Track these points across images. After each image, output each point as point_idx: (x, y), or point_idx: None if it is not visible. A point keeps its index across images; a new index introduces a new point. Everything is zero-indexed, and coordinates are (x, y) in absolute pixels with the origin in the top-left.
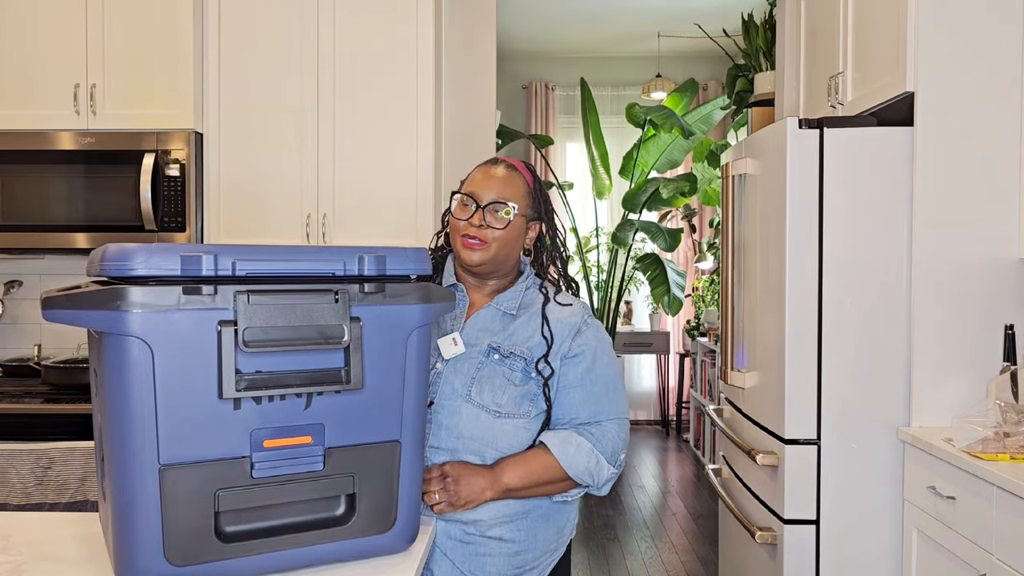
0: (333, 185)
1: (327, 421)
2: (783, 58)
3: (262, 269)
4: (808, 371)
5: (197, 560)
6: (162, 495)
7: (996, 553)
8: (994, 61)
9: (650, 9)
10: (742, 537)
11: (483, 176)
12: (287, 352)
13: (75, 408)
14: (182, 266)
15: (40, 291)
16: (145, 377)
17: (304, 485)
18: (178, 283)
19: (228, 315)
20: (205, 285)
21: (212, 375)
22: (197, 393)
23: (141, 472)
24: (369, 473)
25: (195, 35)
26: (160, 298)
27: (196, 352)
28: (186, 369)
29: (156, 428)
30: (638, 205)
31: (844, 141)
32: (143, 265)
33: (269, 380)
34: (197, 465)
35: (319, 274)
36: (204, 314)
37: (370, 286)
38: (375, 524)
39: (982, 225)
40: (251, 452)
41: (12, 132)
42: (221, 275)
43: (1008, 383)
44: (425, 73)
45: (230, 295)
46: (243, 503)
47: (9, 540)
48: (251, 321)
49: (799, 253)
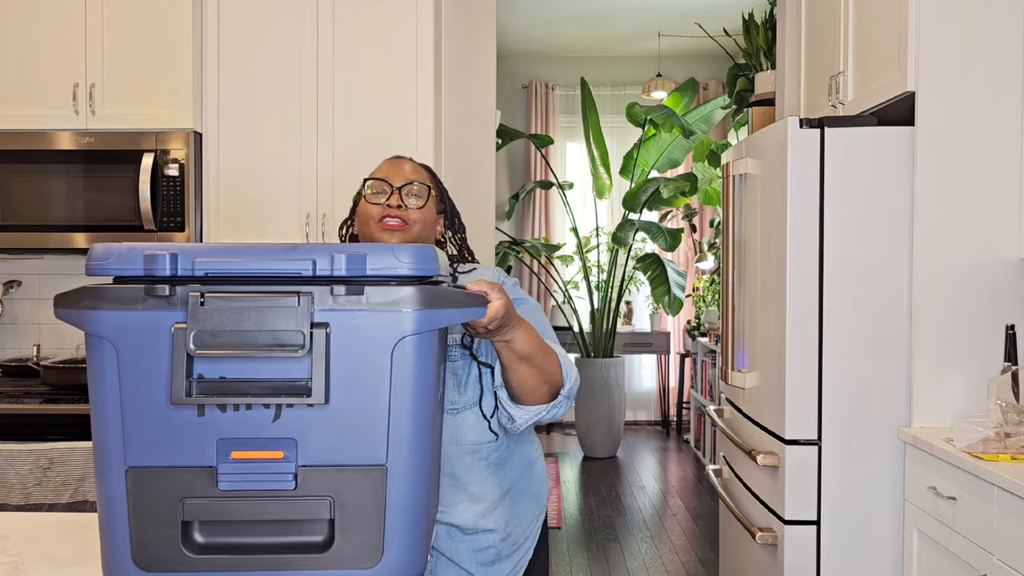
0: (333, 185)
1: (300, 437)
2: (783, 57)
3: (223, 268)
4: (809, 371)
5: (163, 568)
6: (129, 498)
7: (997, 554)
8: (994, 61)
9: (650, 9)
10: (742, 537)
11: (391, 165)
12: (249, 359)
13: (74, 408)
14: (144, 265)
15: (39, 291)
16: (112, 377)
17: (276, 504)
18: (141, 282)
19: (178, 317)
20: (162, 285)
21: (169, 379)
22: (159, 397)
23: (110, 473)
24: (350, 499)
25: (194, 35)
26: (123, 298)
27: (156, 354)
28: (147, 371)
29: (122, 430)
30: (638, 205)
31: (845, 141)
32: (113, 263)
33: (226, 387)
34: (162, 470)
35: (285, 274)
36: (162, 315)
37: (341, 288)
38: (359, 556)
39: (983, 225)
40: (217, 462)
41: (11, 132)
42: (181, 275)
43: (1009, 383)
44: (425, 73)
45: (186, 297)
46: (210, 515)
47: (9, 540)
48: (201, 324)
49: (799, 253)
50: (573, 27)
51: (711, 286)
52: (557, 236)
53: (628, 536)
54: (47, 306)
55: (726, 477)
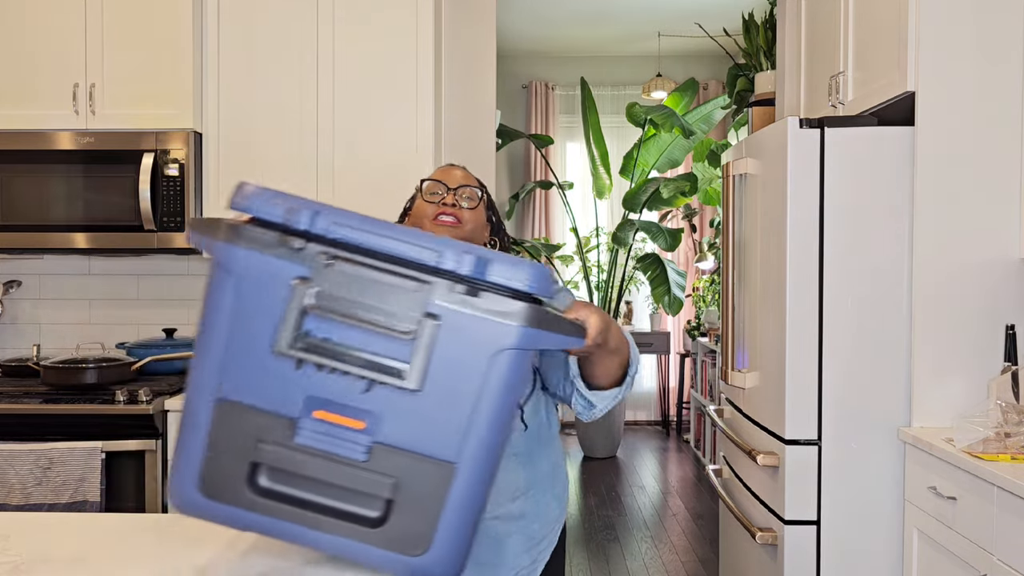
0: (333, 185)
1: (382, 414)
2: (783, 57)
3: (355, 239)
4: (809, 371)
5: (223, 499)
6: (212, 426)
7: (997, 554)
8: (994, 61)
9: (650, 9)
10: (742, 537)
11: (445, 171)
12: (357, 328)
13: (74, 408)
14: (284, 215)
15: (39, 291)
16: (226, 311)
17: (342, 469)
18: (276, 229)
19: (303, 273)
20: (296, 238)
21: (278, 328)
22: (264, 343)
23: (200, 398)
24: (412, 485)
25: (194, 35)
26: (259, 240)
27: (272, 301)
28: (259, 314)
29: (223, 362)
30: (638, 205)
31: (845, 141)
32: (256, 205)
33: (329, 350)
34: (249, 409)
35: (412, 260)
36: (286, 266)
37: (461, 287)
38: (405, 542)
39: (983, 225)
40: (300, 416)
41: (11, 132)
42: (315, 233)
43: (1009, 383)
44: (425, 73)
45: (315, 256)
46: (279, 463)
47: (9, 540)
48: (323, 285)
49: (799, 253)
50: (573, 27)
51: (711, 286)
52: (557, 236)
53: (628, 536)
54: (47, 306)
55: (726, 477)
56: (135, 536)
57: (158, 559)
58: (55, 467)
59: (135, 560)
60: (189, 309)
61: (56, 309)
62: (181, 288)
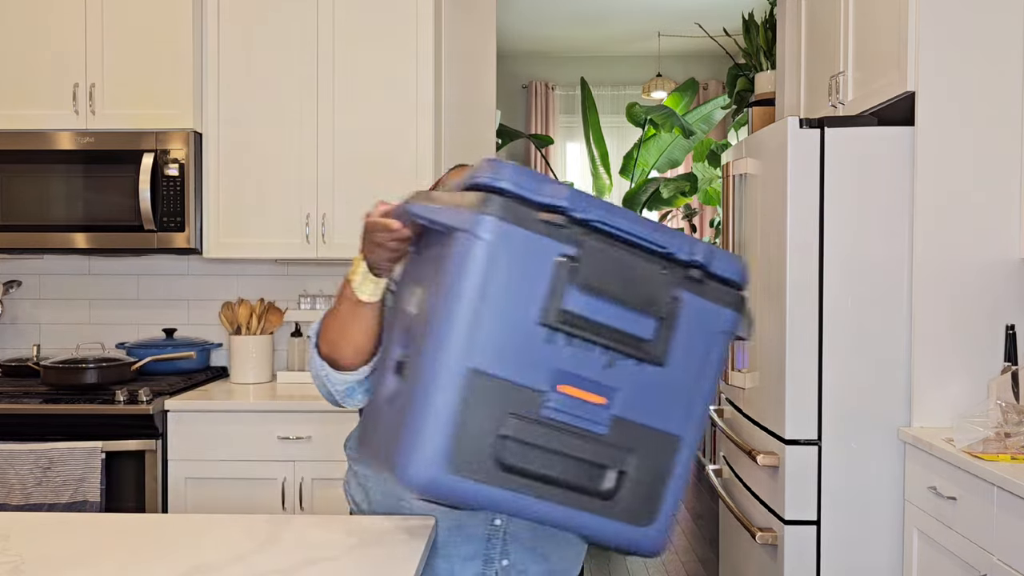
0: (333, 185)
1: (623, 389)
2: (783, 58)
3: (611, 223)
4: (808, 371)
5: (468, 474)
6: (461, 397)
7: (997, 554)
8: (994, 61)
9: (650, 9)
10: (742, 538)
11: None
12: (606, 304)
13: (74, 408)
14: (550, 197)
15: (39, 291)
16: (475, 279)
17: (584, 442)
18: (538, 208)
19: (568, 251)
20: (558, 216)
21: (536, 301)
22: (518, 314)
23: (446, 368)
24: (646, 458)
25: (194, 35)
26: (518, 214)
27: (531, 275)
28: (516, 288)
29: (476, 331)
30: (638, 205)
31: (845, 141)
32: (507, 180)
33: (585, 324)
34: (499, 381)
35: (658, 249)
36: (549, 243)
37: (696, 273)
38: (636, 513)
39: (982, 225)
40: (547, 390)
41: (11, 132)
42: (575, 214)
43: (1009, 383)
44: (425, 72)
45: (576, 234)
46: (527, 436)
47: (9, 540)
48: (589, 264)
49: (799, 253)
50: (573, 27)
51: None
52: None
53: None
54: (47, 306)
55: (726, 477)
56: (135, 536)
57: (158, 559)
58: (55, 467)
59: (135, 560)
60: (189, 309)
61: (56, 309)
62: (181, 288)
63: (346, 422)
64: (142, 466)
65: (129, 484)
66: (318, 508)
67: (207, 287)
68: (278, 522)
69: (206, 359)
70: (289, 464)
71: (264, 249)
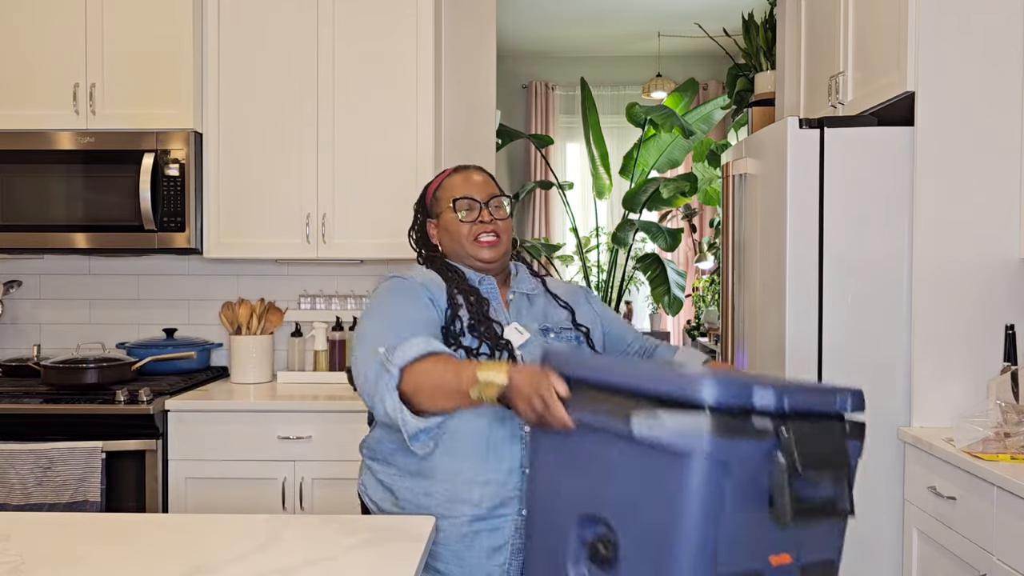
0: (333, 185)
1: (805, 543)
2: (783, 58)
3: (804, 405)
4: (808, 371)
5: None
6: None
7: (997, 553)
8: (994, 61)
9: (650, 9)
10: None
11: (466, 181)
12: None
13: (74, 408)
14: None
15: (39, 291)
16: (700, 495)
17: None
18: (748, 415)
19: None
20: (758, 417)
21: (763, 498)
22: (751, 512)
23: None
24: None
25: (194, 35)
26: (737, 428)
27: (755, 476)
28: (744, 489)
29: (702, 540)
30: (638, 205)
31: (844, 141)
32: (724, 399)
33: (809, 506)
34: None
35: (831, 413)
36: (759, 445)
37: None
38: None
39: (982, 225)
40: (763, 567)
41: (11, 132)
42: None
43: (1008, 383)
44: (425, 73)
45: (769, 424)
46: None
47: (9, 540)
48: (799, 449)
49: (799, 253)
50: (573, 27)
51: (711, 286)
52: (557, 236)
53: None
54: (47, 306)
55: None
56: (135, 536)
57: (158, 559)
58: (55, 467)
59: (135, 560)
60: (189, 309)
61: (56, 309)
62: (181, 288)
63: (346, 422)
64: (142, 466)
65: (129, 484)
66: (318, 508)
67: (207, 287)
68: (278, 522)
69: (206, 359)
70: (289, 464)
71: (264, 249)
